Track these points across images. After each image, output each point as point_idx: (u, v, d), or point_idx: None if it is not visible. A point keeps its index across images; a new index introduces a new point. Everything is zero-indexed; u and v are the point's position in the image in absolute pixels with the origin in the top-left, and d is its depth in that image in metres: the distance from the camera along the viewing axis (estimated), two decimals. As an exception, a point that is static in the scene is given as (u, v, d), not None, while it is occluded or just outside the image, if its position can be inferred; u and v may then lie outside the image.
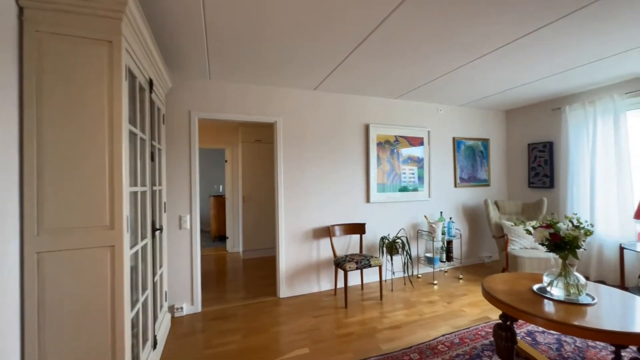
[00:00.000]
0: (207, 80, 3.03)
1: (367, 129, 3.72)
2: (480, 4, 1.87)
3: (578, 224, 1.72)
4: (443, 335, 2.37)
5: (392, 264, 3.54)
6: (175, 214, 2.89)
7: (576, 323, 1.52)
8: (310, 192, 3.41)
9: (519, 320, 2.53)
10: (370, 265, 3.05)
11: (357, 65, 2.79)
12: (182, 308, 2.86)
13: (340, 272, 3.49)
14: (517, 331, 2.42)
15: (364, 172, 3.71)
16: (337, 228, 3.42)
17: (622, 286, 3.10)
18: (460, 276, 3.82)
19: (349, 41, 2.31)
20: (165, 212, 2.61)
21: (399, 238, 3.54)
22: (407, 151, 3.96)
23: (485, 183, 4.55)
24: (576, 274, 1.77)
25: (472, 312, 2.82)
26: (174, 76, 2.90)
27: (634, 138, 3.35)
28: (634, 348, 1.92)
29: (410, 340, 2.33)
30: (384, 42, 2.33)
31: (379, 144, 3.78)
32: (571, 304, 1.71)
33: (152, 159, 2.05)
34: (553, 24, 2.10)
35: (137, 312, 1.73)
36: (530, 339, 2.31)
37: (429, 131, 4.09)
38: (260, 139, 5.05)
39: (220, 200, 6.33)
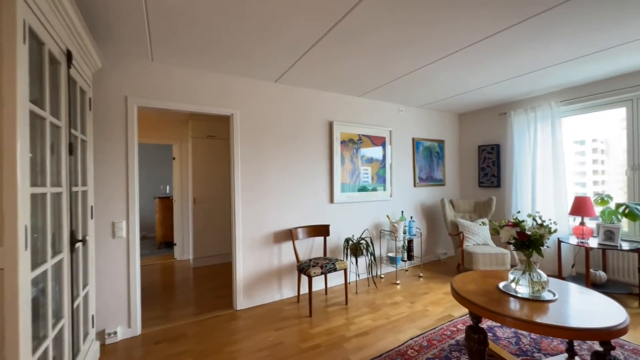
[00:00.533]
0: (149, 62, 2.59)
1: (331, 126, 3.57)
2: (437, 10, 1.87)
3: (542, 223, 1.76)
4: (411, 339, 2.31)
5: (357, 266, 3.44)
6: (107, 220, 2.40)
7: (542, 321, 1.52)
8: (271, 192, 3.14)
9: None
10: (335, 269, 2.90)
11: (319, 60, 2.64)
12: (115, 333, 2.38)
13: (304, 278, 3.28)
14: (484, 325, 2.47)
15: (328, 172, 3.55)
16: (300, 231, 3.20)
17: (560, 276, 3.41)
18: (421, 274, 3.88)
19: (310, 35, 2.17)
20: (92, 218, 2.13)
21: (363, 239, 3.46)
22: (370, 150, 3.91)
23: (441, 183, 4.73)
24: (539, 270, 1.81)
25: (435, 311, 2.83)
26: (105, 53, 2.41)
27: (567, 142, 3.72)
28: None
29: (380, 348, 2.21)
30: (345, 39, 2.26)
31: (343, 143, 3.66)
32: (536, 301, 1.73)
33: (71, 152, 1.62)
34: (502, 32, 2.20)
35: (46, 352, 1.32)
36: (491, 334, 2.37)
37: (390, 131, 4.09)
38: (214, 134, 4.60)
39: (166, 202, 5.68)
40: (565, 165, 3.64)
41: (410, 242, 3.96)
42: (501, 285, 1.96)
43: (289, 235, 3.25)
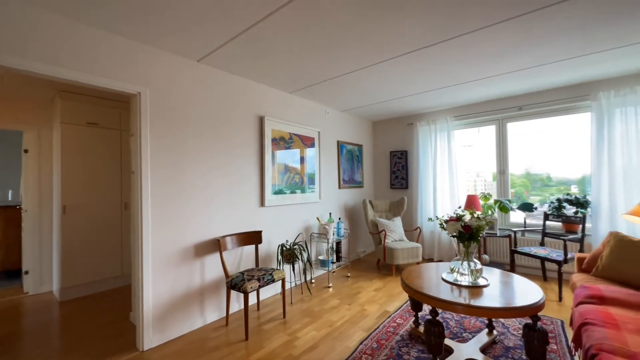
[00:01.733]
0: (-2, -4, 1.69)
1: (262, 122, 3.23)
2: (362, 24, 1.92)
3: (478, 216, 1.98)
4: (361, 343, 2.23)
5: (293, 273, 3.18)
6: None
7: (489, 305, 1.68)
8: (191, 195, 2.56)
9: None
10: (273, 280, 2.58)
11: (254, 47, 2.39)
12: None
13: (236, 295, 2.81)
14: (412, 317, 2.62)
15: (259, 171, 3.19)
16: (229, 240, 2.73)
17: (457, 262, 4.06)
18: (348, 274, 3.94)
19: (249, 14, 1.89)
20: None
21: (297, 244, 3.24)
22: (300, 150, 3.75)
23: (360, 185, 5.00)
24: (475, 260, 2.03)
25: (372, 309, 2.87)
26: None
27: (458, 150, 4.51)
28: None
29: (334, 360, 2.05)
30: (279, 31, 2.13)
31: (274, 141, 3.37)
32: (475, 287, 1.93)
33: None
34: (413, 52, 2.52)
35: None
36: (422, 323, 2.54)
37: (319, 132, 4.05)
38: (97, 121, 3.51)
39: (10, 213, 4.00)
40: (457, 169, 4.40)
41: (338, 243, 3.98)
42: (443, 275, 2.11)
43: (215, 246, 2.72)
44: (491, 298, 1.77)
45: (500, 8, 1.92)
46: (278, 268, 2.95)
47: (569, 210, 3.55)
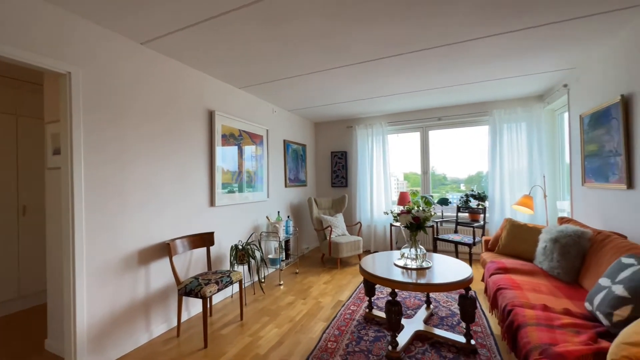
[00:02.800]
0: None
1: (212, 116, 3.04)
2: (315, 39, 2.11)
3: (424, 208, 2.33)
4: (324, 332, 2.37)
5: (250, 274, 3.09)
6: None
7: (434, 282, 2.02)
8: (134, 196, 2.26)
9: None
10: (231, 282, 2.49)
11: (206, 38, 2.26)
12: None
13: (189, 302, 2.59)
14: (366, 302, 2.89)
15: (208, 169, 3.00)
16: (179, 243, 2.50)
17: (391, 248, 4.59)
18: (297, 270, 4.03)
19: (201, 9, 1.81)
20: None
21: (249, 244, 3.17)
22: (250, 148, 3.66)
23: (304, 183, 5.13)
24: (420, 246, 2.38)
25: (326, 301, 3.04)
26: None
27: (391, 152, 5.07)
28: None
29: (302, 352, 2.12)
30: (233, 29, 2.14)
31: (224, 137, 3.21)
32: (421, 269, 2.27)
33: None
34: (362, 63, 2.81)
35: None
36: (375, 306, 2.83)
37: (267, 130, 4.01)
38: (15, 111, 2.73)
39: None
40: (389, 171, 4.96)
41: (287, 241, 4.02)
42: (395, 262, 2.41)
43: (162, 251, 2.46)
44: (435, 277, 2.12)
45: (433, 38, 2.31)
46: (232, 269, 2.84)
47: (473, 203, 4.41)
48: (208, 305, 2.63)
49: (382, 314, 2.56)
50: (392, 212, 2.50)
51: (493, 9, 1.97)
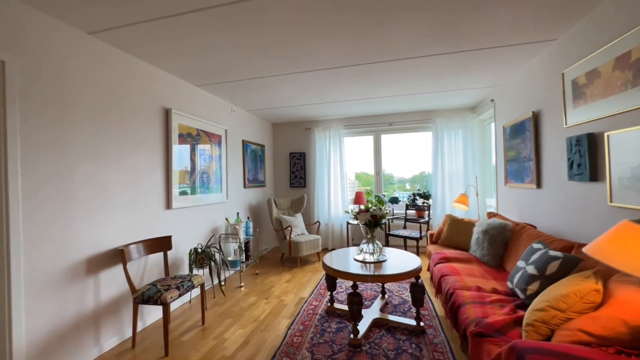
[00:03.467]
0: None
1: (168, 115, 2.90)
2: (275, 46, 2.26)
3: (380, 207, 2.56)
4: (289, 328, 2.45)
5: (211, 277, 3.00)
6: None
7: (388, 273, 2.25)
8: (81, 199, 2.08)
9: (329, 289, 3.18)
10: (193, 287, 2.43)
11: (165, 35, 2.18)
12: None
13: (145, 311, 2.44)
14: (327, 297, 3.05)
15: (164, 170, 2.85)
16: (134, 249, 2.36)
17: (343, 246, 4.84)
18: (257, 271, 4.03)
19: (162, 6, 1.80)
20: None
21: (208, 247, 3.10)
22: (208, 148, 3.56)
23: (262, 184, 5.12)
24: (377, 242, 2.61)
25: (289, 299, 3.12)
26: None
27: (350, 155, 5.33)
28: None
29: (269, 349, 2.18)
30: (196, 27, 2.11)
31: (181, 136, 3.09)
32: (378, 262, 2.49)
33: None
34: (327, 70, 2.97)
35: None
36: (337, 300, 3.00)
37: (226, 130, 3.93)
38: None
39: None
40: (345, 172, 5.21)
41: (247, 242, 4.00)
42: (355, 257, 2.61)
43: (114, 258, 2.29)
44: (391, 268, 2.35)
45: (384, 53, 2.56)
46: (192, 274, 2.76)
47: (419, 201, 4.89)
48: (160, 315, 2.52)
49: (343, 307, 2.74)
50: (352, 211, 2.69)
51: (432, 40, 2.28)
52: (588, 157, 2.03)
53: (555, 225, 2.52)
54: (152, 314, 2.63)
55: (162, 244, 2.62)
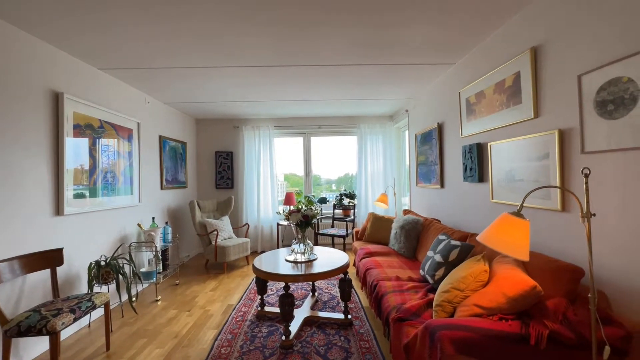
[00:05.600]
0: None
1: (57, 100, 2.37)
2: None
3: (311, 207, 2.61)
4: (216, 340, 2.28)
5: (118, 293, 2.54)
6: None
7: (318, 271, 2.32)
8: None
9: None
10: (95, 307, 2.04)
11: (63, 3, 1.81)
12: None
13: (19, 347, 1.91)
14: (257, 301, 2.95)
15: (52, 168, 2.32)
16: (5, 267, 1.84)
17: (277, 246, 4.79)
18: (177, 281, 3.63)
19: None
20: None
21: (115, 259, 2.65)
22: (114, 143, 3.05)
23: (183, 185, 4.66)
24: (308, 241, 2.65)
25: (215, 308, 2.91)
26: None
27: (279, 155, 5.28)
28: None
29: (192, 365, 1.99)
30: None
31: (78, 127, 2.57)
32: (309, 262, 2.54)
33: None
34: (259, 67, 2.96)
35: None
36: (267, 303, 2.94)
37: (138, 123, 3.44)
38: None
39: None
40: (275, 172, 5.16)
41: (165, 250, 3.57)
42: (287, 257, 2.60)
43: (-28, 281, 1.75)
44: (321, 266, 2.42)
45: (316, 56, 2.66)
46: (91, 292, 2.31)
47: (346, 201, 5.19)
48: (43, 348, 2.05)
49: (274, 309, 2.69)
50: (283, 212, 2.67)
51: (357, 50, 2.46)
52: (477, 163, 2.49)
53: (454, 219, 3.00)
54: (32, 348, 2.10)
55: (48, 260, 2.12)
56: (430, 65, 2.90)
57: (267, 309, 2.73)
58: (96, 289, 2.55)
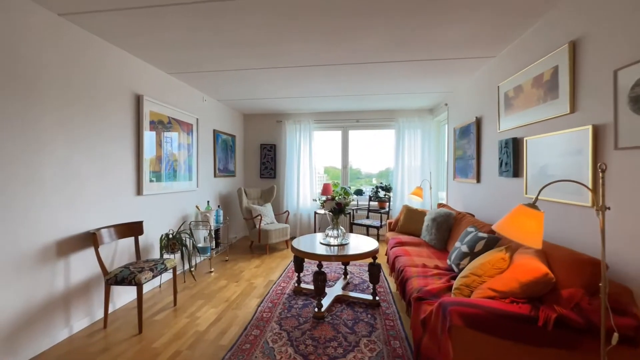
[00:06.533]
0: None
1: (139, 101, 2.91)
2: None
3: (345, 197, 2.84)
4: (259, 306, 2.67)
5: (182, 262, 3.08)
6: None
7: (349, 253, 2.56)
8: (50, 184, 2.08)
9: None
10: (166, 269, 2.54)
11: (142, 21, 2.22)
12: None
13: (116, 292, 2.50)
14: (295, 279, 3.30)
15: (135, 157, 2.87)
16: (106, 232, 2.40)
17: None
18: (227, 258, 4.15)
19: None
20: None
21: (179, 233, 3.18)
22: (179, 136, 3.58)
23: (232, 174, 5.19)
24: (341, 227, 2.90)
25: (258, 281, 3.32)
26: None
27: (319, 148, 5.56)
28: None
29: (239, 324, 2.38)
30: (175, 17, 2.16)
31: (153, 124, 3.10)
32: (341, 246, 2.79)
33: None
34: (301, 67, 3.18)
35: None
36: (303, 281, 3.26)
37: (197, 119, 3.96)
38: None
39: None
40: (314, 164, 5.46)
41: (217, 230, 4.09)
42: (321, 240, 2.88)
43: (85, 241, 2.32)
44: (352, 249, 2.66)
45: (355, 56, 2.83)
46: (170, 257, 2.84)
47: (381, 193, 5.30)
48: (132, 297, 2.60)
49: (309, 287, 3.01)
50: (319, 200, 2.94)
51: (395, 47, 2.58)
52: (513, 157, 2.48)
53: (487, 213, 3.00)
54: (122, 297, 2.68)
55: (133, 229, 2.67)
56: (471, 59, 2.90)
57: (303, 285, 3.05)
58: (165, 256, 3.09)
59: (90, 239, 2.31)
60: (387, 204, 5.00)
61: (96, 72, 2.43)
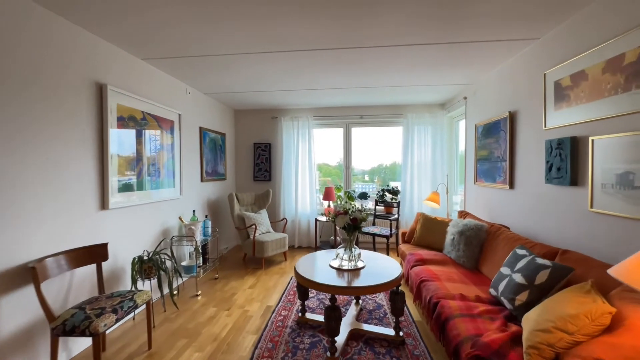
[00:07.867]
0: None
1: (102, 92, 2.32)
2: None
3: (360, 209, 2.33)
4: (256, 348, 2.14)
5: (160, 287, 2.51)
6: None
7: (367, 284, 2.03)
8: (-34, 200, 1.50)
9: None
10: (136, 307, 1.98)
11: None
12: None
13: (68, 341, 1.92)
14: (297, 305, 2.78)
15: (97, 161, 2.29)
16: (52, 262, 1.83)
17: (316, 246, 4.60)
18: (216, 276, 3.60)
19: None
20: None
21: (157, 254, 2.61)
22: (157, 135, 3.00)
23: (223, 177, 4.62)
24: (355, 246, 2.38)
25: (254, 308, 2.79)
26: None
27: (316, 146, 5.03)
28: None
29: (232, 377, 1.85)
30: None
31: (121, 120, 2.52)
32: (356, 270, 2.27)
33: None
34: (307, 51, 2.64)
35: None
36: (308, 308, 2.75)
37: (179, 115, 3.38)
38: None
39: None
40: (313, 164, 4.92)
41: (205, 244, 3.53)
42: (331, 263, 2.36)
43: (23, 277, 1.74)
44: (370, 278, 2.14)
45: (365, 39, 2.30)
46: (135, 288, 2.28)
47: (388, 197, 4.82)
48: (101, 342, 2.04)
49: (316, 317, 2.49)
50: (330, 217, 2.42)
51: (424, 24, 2.06)
52: (570, 161, 2.00)
53: (527, 227, 2.53)
54: (79, 342, 2.11)
55: (93, 254, 2.10)
56: (506, 41, 2.40)
57: (309, 315, 2.53)
58: (139, 283, 2.53)
59: (31, 274, 1.73)
60: (395, 209, 4.51)
61: (38, 53, 1.84)
